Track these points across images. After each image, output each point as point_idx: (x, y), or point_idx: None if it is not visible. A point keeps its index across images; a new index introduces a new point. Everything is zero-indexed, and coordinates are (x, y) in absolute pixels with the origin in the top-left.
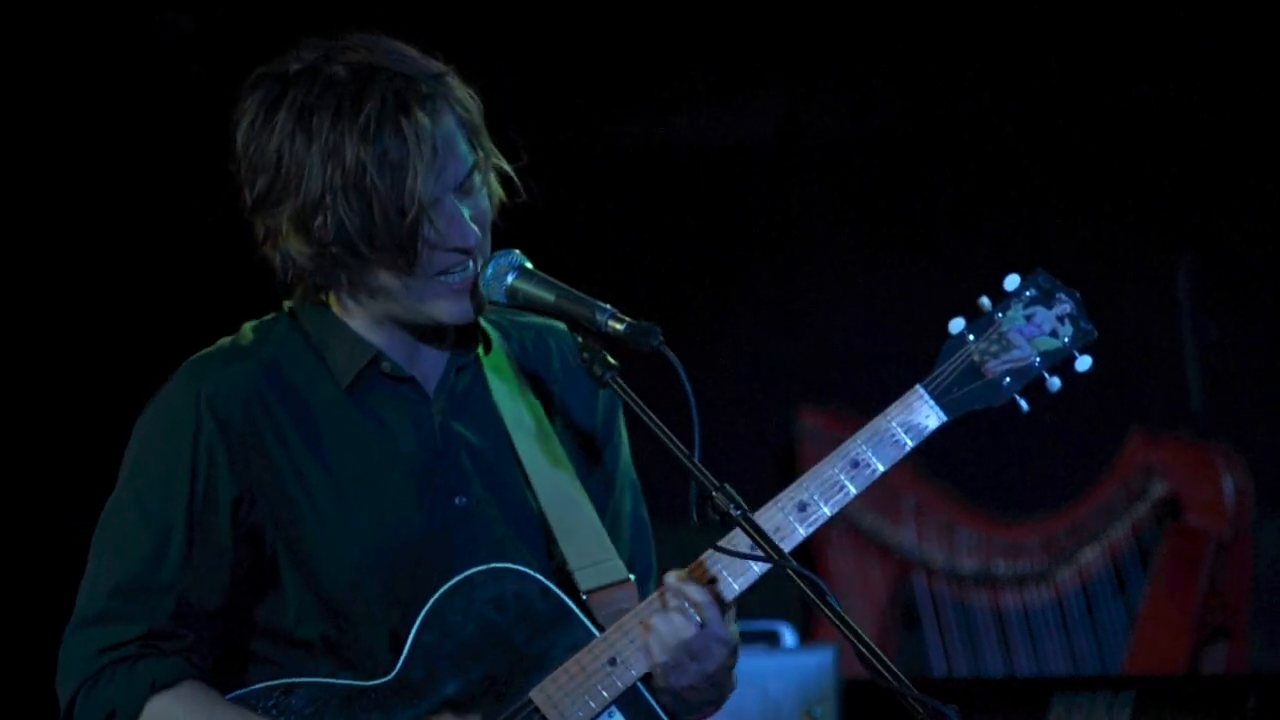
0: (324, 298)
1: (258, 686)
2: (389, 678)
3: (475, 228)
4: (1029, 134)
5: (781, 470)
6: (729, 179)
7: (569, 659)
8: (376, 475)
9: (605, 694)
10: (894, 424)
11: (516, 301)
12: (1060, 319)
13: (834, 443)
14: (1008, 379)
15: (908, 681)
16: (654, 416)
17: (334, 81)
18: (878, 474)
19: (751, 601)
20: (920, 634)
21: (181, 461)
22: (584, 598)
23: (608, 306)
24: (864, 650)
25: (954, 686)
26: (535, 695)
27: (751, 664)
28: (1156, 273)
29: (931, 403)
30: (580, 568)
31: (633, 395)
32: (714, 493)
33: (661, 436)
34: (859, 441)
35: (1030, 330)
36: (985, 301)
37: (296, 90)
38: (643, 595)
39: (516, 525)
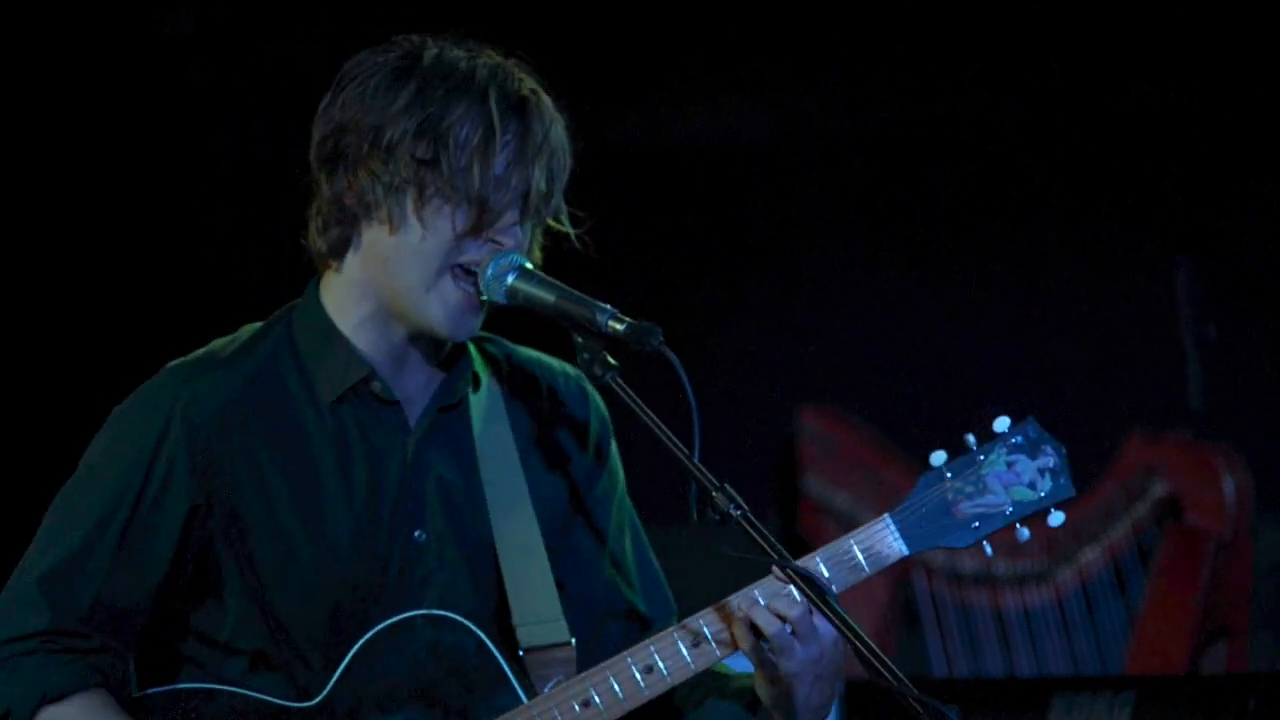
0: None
1: (179, 687)
2: (314, 702)
3: (523, 239)
4: (1029, 134)
5: (781, 470)
6: (729, 179)
7: None
8: (342, 500)
9: None
10: (855, 548)
11: (517, 302)
12: (1042, 471)
13: (834, 443)
14: (977, 523)
15: (908, 681)
16: (654, 416)
17: (454, 59)
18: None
19: None
20: (920, 634)
21: (139, 464)
22: (521, 654)
23: (608, 306)
24: (864, 650)
25: (954, 686)
26: None
27: (751, 664)
28: (1156, 273)
29: (896, 533)
30: (523, 623)
31: (632, 395)
32: (714, 493)
33: (661, 436)
34: (816, 558)
35: (1009, 477)
36: (971, 439)
37: (420, 61)
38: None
39: (472, 569)
